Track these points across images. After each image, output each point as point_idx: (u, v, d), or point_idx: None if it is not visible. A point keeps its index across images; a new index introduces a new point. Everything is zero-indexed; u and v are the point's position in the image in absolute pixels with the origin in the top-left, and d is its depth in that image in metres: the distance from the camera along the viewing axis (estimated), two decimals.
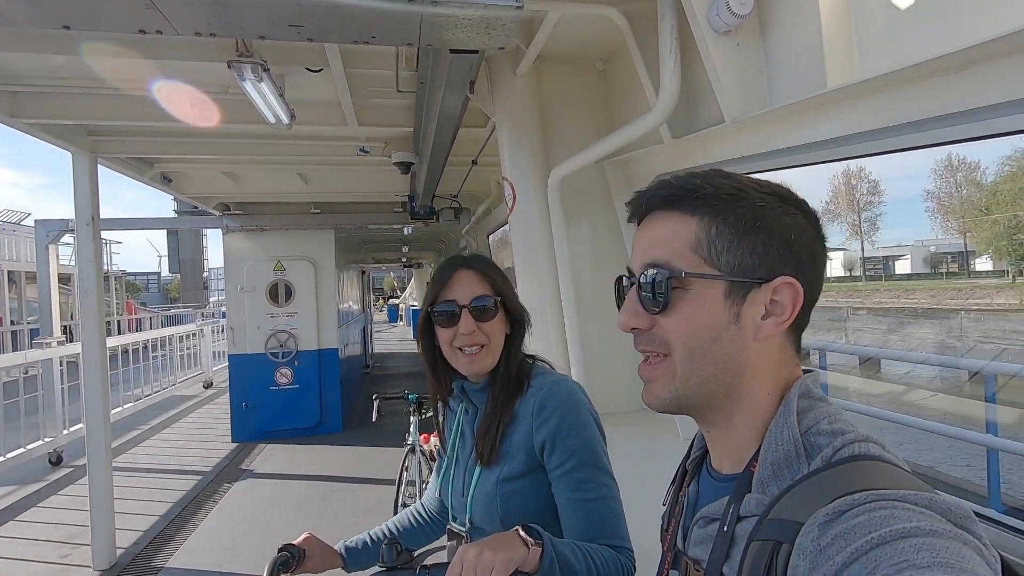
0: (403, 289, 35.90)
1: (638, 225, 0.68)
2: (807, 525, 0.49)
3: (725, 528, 0.60)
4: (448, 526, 1.21)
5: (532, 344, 1.30)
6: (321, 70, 2.70)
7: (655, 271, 0.61)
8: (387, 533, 1.33)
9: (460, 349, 1.15)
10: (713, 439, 0.68)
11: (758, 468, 0.59)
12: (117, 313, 19.55)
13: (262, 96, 2.51)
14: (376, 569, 0.92)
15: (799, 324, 0.63)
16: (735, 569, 0.57)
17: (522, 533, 0.87)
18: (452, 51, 2.03)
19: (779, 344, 0.62)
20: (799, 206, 0.63)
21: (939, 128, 1.21)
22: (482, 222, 6.58)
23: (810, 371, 0.64)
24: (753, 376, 0.62)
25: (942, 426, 3.35)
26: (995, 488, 3.09)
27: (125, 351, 8.12)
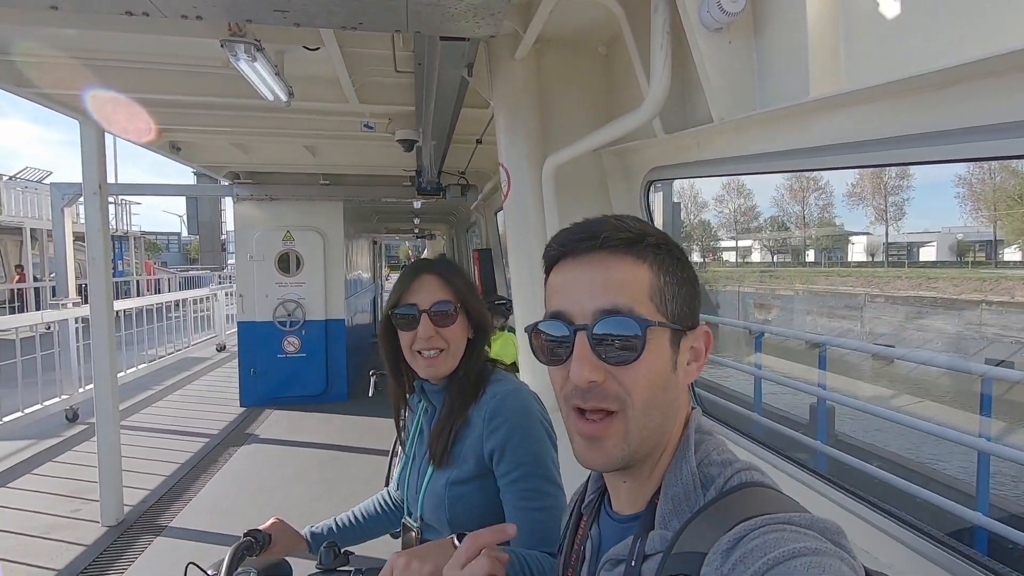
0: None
1: (555, 262, 0.65)
2: (711, 554, 0.52)
3: (632, 568, 0.60)
4: (403, 520, 1.25)
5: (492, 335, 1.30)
6: (318, 49, 2.67)
7: (623, 319, 0.58)
8: (352, 519, 1.38)
9: (419, 352, 1.16)
10: (623, 488, 0.67)
11: (660, 504, 0.61)
12: (136, 273, 19.97)
13: (257, 75, 2.50)
14: (314, 570, 0.95)
15: None
16: None
17: (457, 542, 0.89)
18: (442, 38, 2.00)
19: (689, 386, 0.66)
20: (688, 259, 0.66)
21: (921, 146, 1.17)
22: (489, 199, 6.55)
23: (694, 407, 0.67)
24: (675, 419, 0.64)
25: (932, 425, 3.33)
26: (984, 491, 3.09)
27: (140, 312, 8.34)
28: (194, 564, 1.17)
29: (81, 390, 6.39)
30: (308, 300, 6.93)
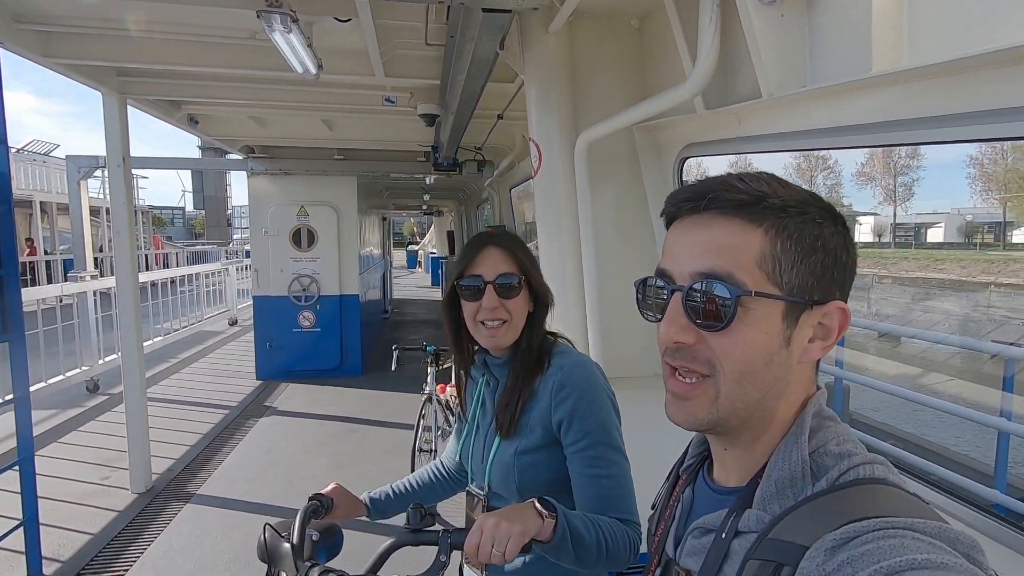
0: (423, 235, 36.02)
1: (671, 221, 0.63)
2: (812, 549, 0.48)
3: (722, 541, 0.59)
4: (467, 488, 1.29)
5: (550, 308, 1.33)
6: (349, 20, 2.65)
7: (716, 284, 0.55)
8: (409, 487, 1.42)
9: (482, 323, 1.19)
10: (726, 455, 0.65)
11: (762, 485, 0.58)
12: (144, 248, 20.03)
13: (290, 47, 2.48)
14: (402, 530, 0.99)
15: None
16: None
17: (538, 505, 0.93)
18: (484, 9, 1.98)
19: (812, 365, 0.60)
20: (844, 225, 0.59)
21: (985, 123, 1.17)
22: (505, 176, 6.52)
23: (819, 388, 0.62)
24: (787, 399, 0.60)
25: (955, 406, 3.37)
26: (1002, 471, 3.14)
27: (154, 285, 8.40)
28: (269, 525, 1.21)
29: (101, 362, 6.49)
30: (322, 275, 6.96)
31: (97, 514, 3.68)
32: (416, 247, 32.11)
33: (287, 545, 1.14)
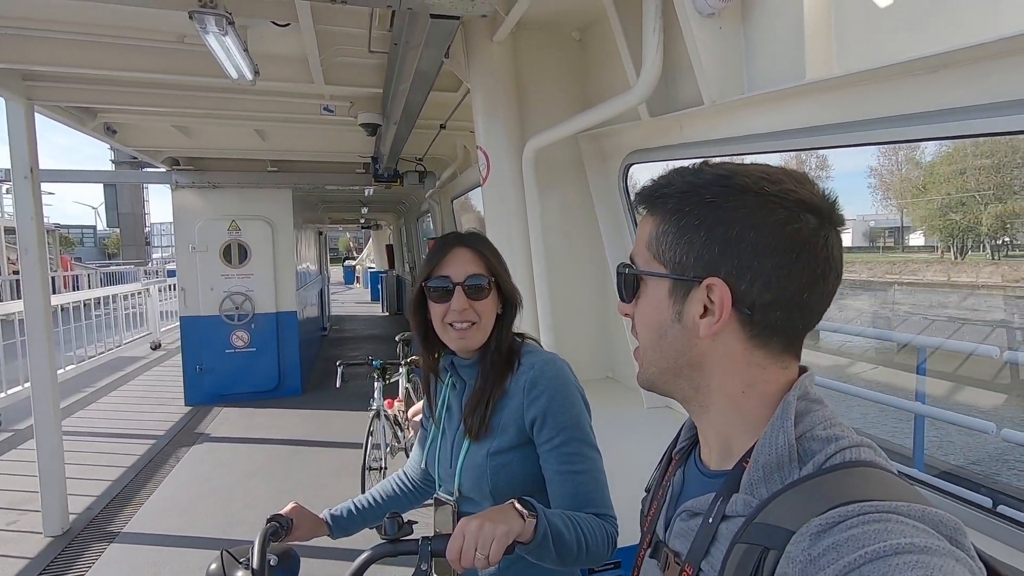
0: (359, 250, 35.20)
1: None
2: (798, 534, 0.48)
3: (709, 525, 0.59)
4: (435, 495, 1.25)
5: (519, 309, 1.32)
6: (288, 24, 2.57)
7: (625, 266, 0.66)
8: (371, 501, 1.36)
9: (451, 325, 1.17)
10: (704, 432, 0.67)
11: (749, 468, 0.58)
12: (52, 269, 18.41)
13: (225, 50, 2.37)
14: (380, 540, 0.95)
15: (767, 324, 0.58)
16: (715, 567, 0.56)
17: (518, 506, 0.92)
18: (432, 15, 1.97)
19: (739, 342, 0.59)
20: (763, 202, 0.56)
21: (910, 126, 1.28)
22: (447, 186, 6.50)
23: (806, 369, 0.62)
24: (715, 372, 0.60)
25: (875, 394, 3.64)
26: (919, 451, 3.40)
27: (64, 309, 7.72)
28: (227, 551, 1.14)
29: (3, 395, 5.87)
30: (257, 292, 6.64)
31: (4, 564, 3.30)
32: (354, 262, 31.31)
33: (240, 573, 1.07)
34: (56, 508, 3.65)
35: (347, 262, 33.25)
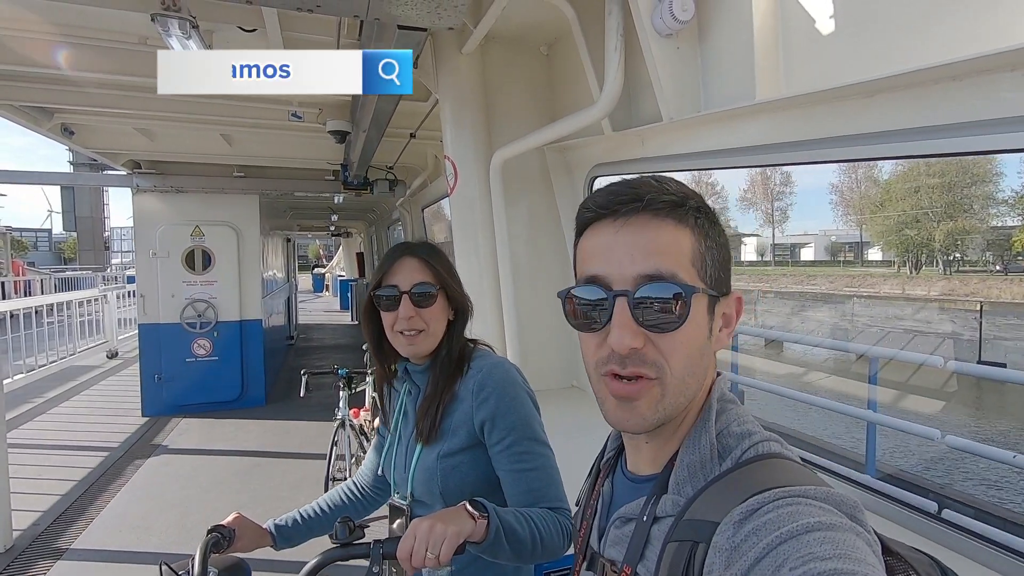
0: (329, 258, 34.72)
1: (592, 221, 0.62)
2: (723, 524, 0.52)
3: (642, 528, 0.61)
4: (390, 500, 1.26)
5: (469, 320, 1.34)
6: (255, 30, 2.55)
7: (667, 285, 0.56)
8: (317, 511, 1.34)
9: (400, 332, 1.18)
10: (642, 446, 0.66)
11: (676, 469, 0.60)
12: (2, 274, 17.62)
13: None
14: (331, 545, 0.95)
15: None
16: (651, 570, 0.58)
17: (469, 507, 0.93)
18: (400, 27, 1.99)
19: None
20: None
21: (851, 146, 1.35)
22: (417, 195, 6.49)
23: (720, 373, 0.65)
24: (703, 386, 0.63)
25: (830, 402, 3.76)
26: (871, 457, 3.53)
27: (14, 316, 7.40)
28: (166, 564, 1.11)
29: None
30: (220, 300, 6.48)
31: None
32: (323, 270, 30.84)
33: None
34: None
35: (316, 270, 32.75)
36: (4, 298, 13.63)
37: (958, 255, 34.38)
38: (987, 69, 1.07)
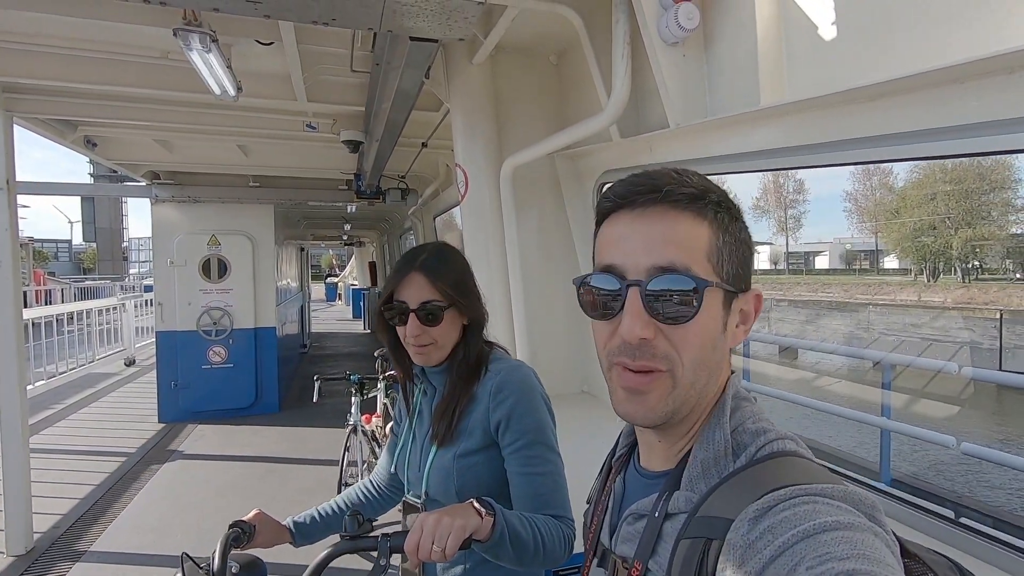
0: (342, 267, 35.02)
1: (611, 211, 0.62)
2: (737, 521, 0.51)
3: (654, 524, 0.61)
4: (404, 499, 1.28)
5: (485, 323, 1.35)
6: (272, 43, 2.63)
7: (681, 277, 0.56)
8: (335, 509, 1.37)
9: (411, 344, 1.21)
10: (654, 442, 0.67)
11: (689, 466, 0.60)
12: (25, 283, 17.98)
13: (209, 67, 2.42)
14: (339, 537, 0.98)
15: None
16: (663, 566, 0.57)
17: (476, 504, 0.95)
18: (412, 38, 2.05)
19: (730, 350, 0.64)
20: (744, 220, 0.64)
21: (856, 149, 1.37)
22: (429, 204, 6.56)
23: (733, 371, 0.66)
24: (716, 380, 0.62)
25: (844, 409, 3.73)
26: (886, 463, 3.49)
27: (36, 324, 7.56)
28: (187, 555, 1.15)
29: None
30: (236, 308, 6.58)
31: None
32: (336, 279, 31.10)
33: None
34: (20, 526, 3.55)
35: (329, 279, 33.03)
36: (26, 307, 13.91)
37: (976, 263, 33.82)
38: (989, 71, 1.09)
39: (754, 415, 0.62)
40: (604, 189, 2.72)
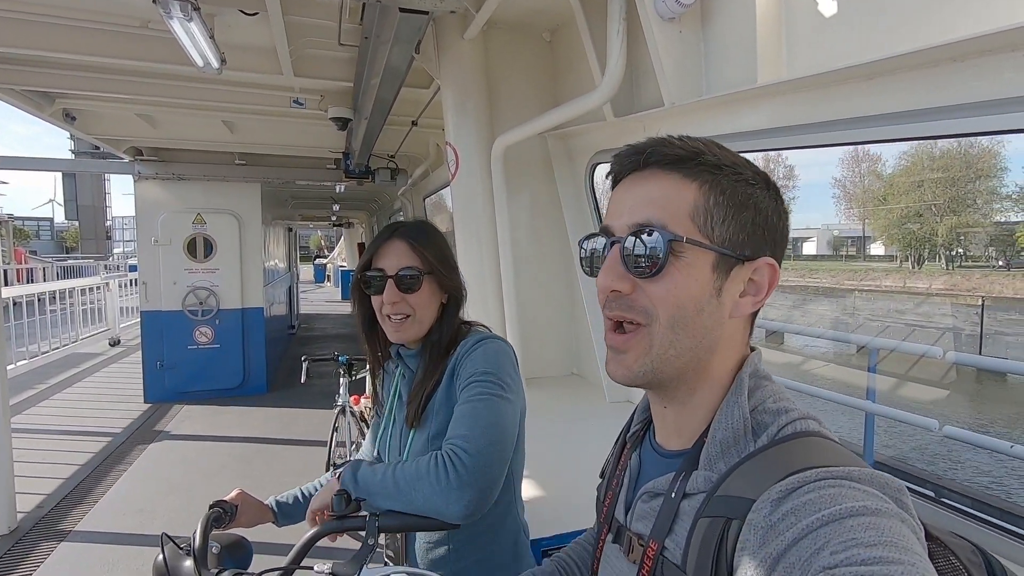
0: (331, 249, 34.74)
1: (617, 182, 0.64)
2: (759, 501, 0.50)
3: (671, 503, 0.60)
4: None
5: (470, 309, 1.33)
6: (257, 13, 2.54)
7: (651, 232, 0.58)
8: (318, 488, 1.36)
9: (388, 316, 1.17)
10: (666, 415, 0.66)
11: (707, 445, 0.59)
12: (4, 262, 17.67)
13: (191, 37, 2.34)
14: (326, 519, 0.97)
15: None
16: (680, 544, 0.57)
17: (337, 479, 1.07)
18: (402, 9, 1.99)
19: (744, 322, 0.63)
20: (778, 193, 0.63)
21: (853, 129, 1.35)
22: (419, 184, 6.48)
23: (755, 348, 0.65)
24: (720, 353, 0.61)
25: (830, 392, 3.77)
26: (869, 446, 3.54)
27: (16, 304, 7.43)
28: (167, 535, 1.12)
29: None
30: (222, 287, 6.50)
31: None
32: (325, 260, 30.86)
33: (189, 562, 1.05)
34: (3, 506, 3.51)
35: (318, 260, 32.77)
36: (6, 285, 13.66)
37: (960, 250, 34.26)
38: (989, 50, 1.07)
39: (775, 394, 0.61)
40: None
